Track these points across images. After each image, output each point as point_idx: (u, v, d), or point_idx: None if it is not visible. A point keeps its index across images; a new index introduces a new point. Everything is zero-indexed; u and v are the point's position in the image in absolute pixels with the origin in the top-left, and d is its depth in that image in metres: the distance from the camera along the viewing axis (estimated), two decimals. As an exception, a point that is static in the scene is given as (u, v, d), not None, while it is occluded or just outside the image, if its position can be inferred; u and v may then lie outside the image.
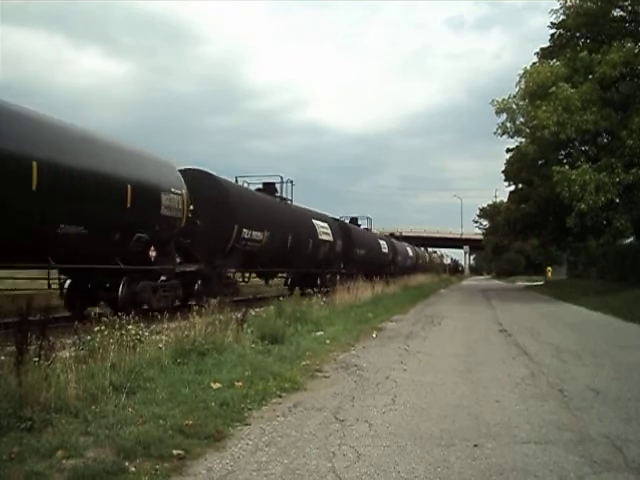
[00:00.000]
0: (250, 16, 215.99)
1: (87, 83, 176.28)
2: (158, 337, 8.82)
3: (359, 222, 42.17)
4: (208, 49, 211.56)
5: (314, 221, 28.65)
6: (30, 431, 4.92)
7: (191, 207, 16.80)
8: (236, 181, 23.24)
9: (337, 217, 36.05)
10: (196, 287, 17.87)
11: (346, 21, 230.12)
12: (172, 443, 4.91)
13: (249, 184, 24.32)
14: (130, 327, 7.80)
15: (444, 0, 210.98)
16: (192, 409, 5.83)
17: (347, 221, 38.55)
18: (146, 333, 8.47)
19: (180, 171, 17.51)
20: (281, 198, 26.23)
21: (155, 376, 6.92)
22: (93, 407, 5.59)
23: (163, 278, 16.05)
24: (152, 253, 15.09)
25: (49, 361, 5.91)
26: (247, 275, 23.39)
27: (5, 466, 4.24)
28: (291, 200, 26.99)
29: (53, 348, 6.17)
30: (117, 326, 7.59)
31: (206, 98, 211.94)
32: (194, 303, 14.88)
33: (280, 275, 28.08)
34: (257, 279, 26.12)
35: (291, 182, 26.83)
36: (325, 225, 29.99)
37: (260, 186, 25.00)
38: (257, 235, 21.22)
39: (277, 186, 25.99)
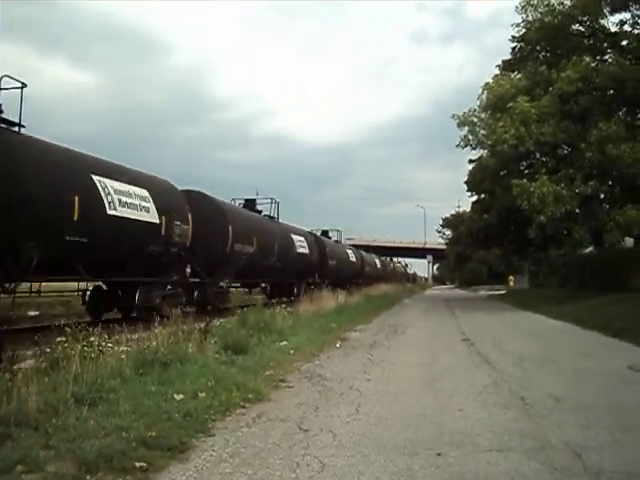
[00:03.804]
0: (218, 27, 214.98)
1: (53, 93, 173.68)
2: (120, 348, 8.72)
3: (330, 234, 43.53)
4: (177, 60, 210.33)
5: (292, 235, 30.91)
6: (-12, 445, 4.81)
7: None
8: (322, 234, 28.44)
9: (310, 230, 37.88)
10: (195, 295, 20.31)
11: (313, 33, 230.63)
12: (135, 455, 4.85)
13: (234, 200, 27.16)
14: (92, 338, 7.71)
15: (408, 14, 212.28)
16: (155, 421, 5.77)
17: (319, 233, 40.22)
18: (109, 344, 8.36)
19: (183, 191, 20.08)
20: (269, 217, 28.86)
21: (117, 387, 6.82)
22: (54, 420, 5.47)
23: (169, 287, 18.43)
24: (187, 269, 19.60)
25: (11, 373, 5.82)
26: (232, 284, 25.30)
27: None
28: (277, 217, 29.60)
29: (15, 360, 6.07)
30: (80, 337, 7.50)
31: (175, 108, 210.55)
32: (194, 310, 18.03)
33: (262, 285, 30.57)
34: (241, 288, 29.75)
35: (277, 202, 29.51)
36: (302, 239, 32.35)
37: (243, 201, 27.72)
38: (247, 249, 23.46)
39: (267, 207, 28.95)
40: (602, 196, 28.28)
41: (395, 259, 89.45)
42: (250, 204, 27.62)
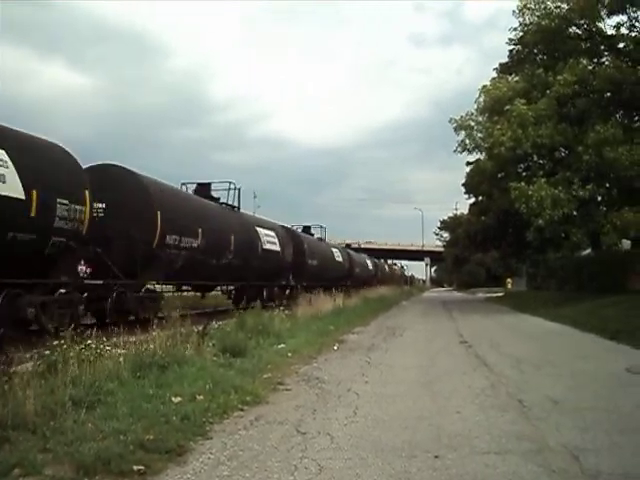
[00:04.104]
0: (217, 28, 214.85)
1: (52, 94, 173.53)
2: (118, 351, 8.71)
3: (312, 231, 41.02)
4: (175, 61, 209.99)
5: (257, 229, 27.11)
6: (-14, 449, 4.80)
7: (101, 206, 15.82)
8: (181, 187, 22.60)
9: (288, 225, 35.04)
10: (109, 302, 15.53)
11: (312, 34, 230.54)
12: (133, 458, 4.85)
13: (184, 185, 23.53)
14: (90, 341, 7.71)
15: (407, 16, 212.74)
16: (153, 423, 5.76)
17: (299, 230, 37.72)
18: (107, 347, 8.36)
19: (91, 167, 16.19)
20: (228, 205, 25.12)
21: (115, 390, 6.82)
22: (52, 423, 5.48)
23: (62, 291, 13.89)
24: (81, 267, 14.49)
25: (7, 376, 5.81)
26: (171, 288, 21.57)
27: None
28: (238, 208, 25.99)
29: (11, 363, 6.06)
30: (78, 340, 7.51)
31: (173, 110, 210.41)
32: (108, 322, 14.67)
33: (220, 288, 27.19)
34: (190, 292, 24.29)
35: (238, 189, 25.75)
36: (271, 233, 28.60)
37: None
38: (188, 242, 19.15)
39: (225, 192, 25.10)
40: (599, 199, 28.38)
41: (392, 261, 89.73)
42: (203, 189, 23.77)
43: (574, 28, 29.52)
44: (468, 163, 39.21)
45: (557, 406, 7.20)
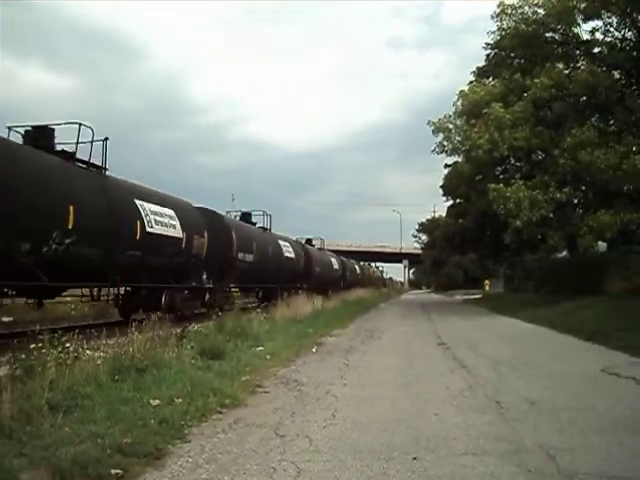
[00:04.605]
0: (196, 32, 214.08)
1: (32, 95, 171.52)
2: (96, 354, 8.66)
3: (313, 242, 45.32)
4: (154, 64, 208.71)
5: (281, 243, 33.07)
6: (-40, 454, 4.74)
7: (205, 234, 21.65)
8: (241, 218, 30.37)
9: (295, 239, 39.44)
10: (207, 298, 22.51)
11: (293, 38, 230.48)
12: (110, 462, 4.82)
13: (229, 212, 30.03)
14: (68, 344, 7.65)
15: (385, 20, 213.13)
16: (131, 427, 5.73)
17: (303, 241, 41.99)
18: (85, 350, 8.31)
19: (197, 209, 22.87)
20: (262, 228, 31.63)
21: (93, 394, 6.76)
22: (28, 427, 5.42)
23: (186, 292, 20.96)
24: (204, 276, 22.12)
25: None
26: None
27: None
28: (270, 229, 32.45)
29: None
30: (56, 343, 7.44)
31: (151, 113, 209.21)
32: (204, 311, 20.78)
33: (256, 290, 32.20)
34: (239, 292, 30.75)
35: (269, 215, 32.34)
36: (289, 247, 34.44)
37: (239, 214, 31.22)
38: (248, 257, 26.13)
39: (261, 218, 31.74)
40: (576, 201, 28.62)
41: (371, 264, 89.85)
42: (246, 217, 31.02)
43: (551, 33, 29.79)
44: (446, 165, 39.53)
45: (534, 407, 7.26)
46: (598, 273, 26.07)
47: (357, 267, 62.44)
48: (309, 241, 44.58)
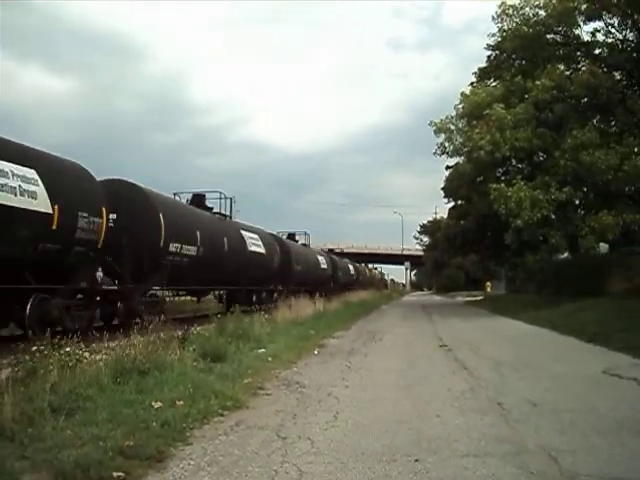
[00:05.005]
0: (196, 32, 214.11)
1: (33, 98, 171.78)
2: (98, 356, 8.67)
3: (297, 238, 41.18)
4: (154, 65, 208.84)
5: (246, 235, 27.20)
6: (-38, 457, 4.74)
7: (113, 216, 16.14)
8: (174, 196, 23.12)
9: (274, 232, 35.05)
10: (118, 306, 16.76)
11: (293, 38, 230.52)
12: (112, 465, 4.82)
13: (177, 195, 23.70)
14: (68, 348, 7.66)
15: (386, 21, 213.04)
16: (133, 429, 5.73)
17: (284, 237, 37.32)
18: (86, 353, 8.31)
19: (101, 182, 16.43)
20: (220, 214, 25.56)
21: (95, 396, 6.77)
22: (30, 430, 5.43)
23: (80, 296, 15.16)
24: (99, 274, 15.43)
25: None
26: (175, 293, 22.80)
27: None
28: (230, 217, 26.53)
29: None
30: (58, 345, 7.45)
31: (151, 115, 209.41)
32: (116, 323, 16.18)
33: (212, 293, 27.76)
34: (187, 297, 25.67)
35: (230, 199, 26.59)
36: (259, 242, 28.64)
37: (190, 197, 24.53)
38: (188, 250, 19.86)
39: (216, 202, 25.69)
40: (577, 202, 28.62)
41: (372, 265, 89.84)
42: (198, 199, 24.23)
43: (552, 34, 29.82)
44: (447, 167, 39.47)
45: (535, 408, 7.26)
46: (600, 274, 26.03)
47: (351, 267, 59.93)
48: (291, 236, 39.38)
